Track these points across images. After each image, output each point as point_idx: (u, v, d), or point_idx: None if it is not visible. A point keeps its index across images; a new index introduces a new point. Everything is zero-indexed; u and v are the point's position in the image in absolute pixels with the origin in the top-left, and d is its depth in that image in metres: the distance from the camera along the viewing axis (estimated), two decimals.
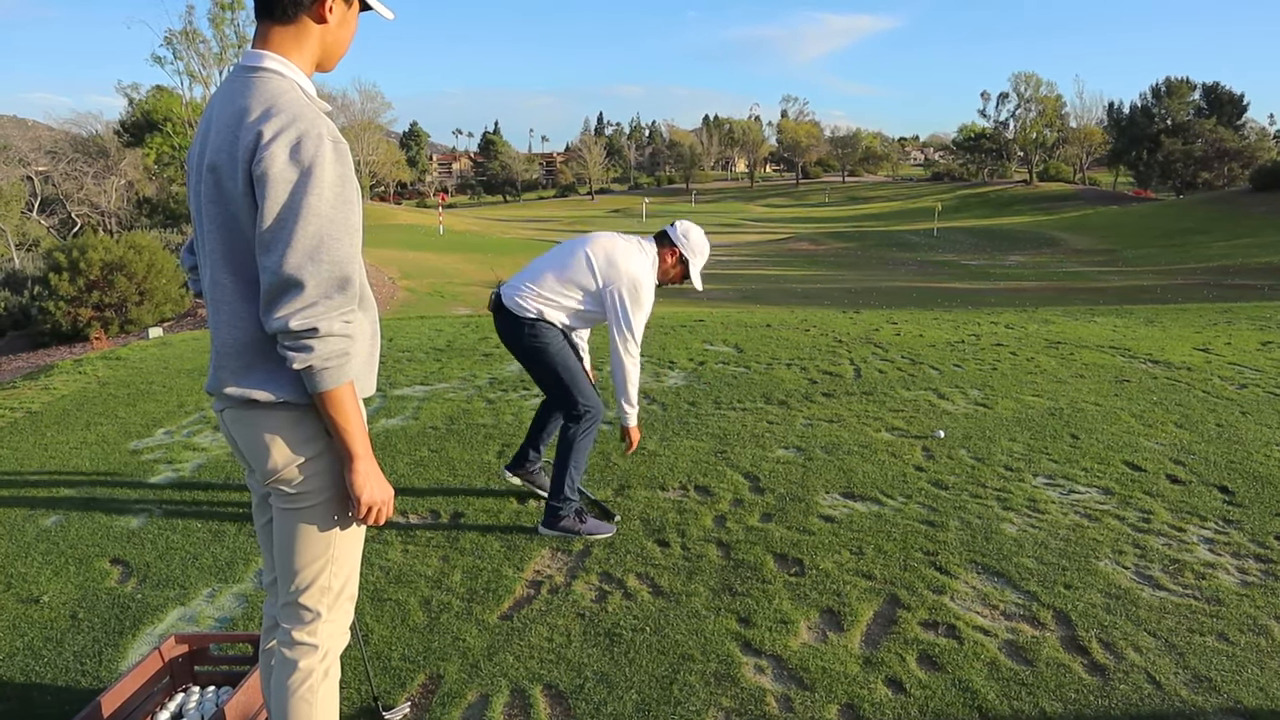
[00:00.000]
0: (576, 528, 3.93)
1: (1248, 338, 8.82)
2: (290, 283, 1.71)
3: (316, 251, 1.72)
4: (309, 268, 1.71)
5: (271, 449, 1.89)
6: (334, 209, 1.75)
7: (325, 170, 1.73)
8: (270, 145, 1.71)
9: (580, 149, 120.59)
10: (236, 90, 1.82)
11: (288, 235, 1.71)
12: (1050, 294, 24.33)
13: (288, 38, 1.86)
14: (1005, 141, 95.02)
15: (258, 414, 1.89)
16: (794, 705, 2.73)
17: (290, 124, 1.73)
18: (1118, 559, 3.68)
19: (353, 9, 1.92)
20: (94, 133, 48.31)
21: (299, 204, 1.71)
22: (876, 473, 4.73)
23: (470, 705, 2.76)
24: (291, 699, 2.00)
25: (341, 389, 1.80)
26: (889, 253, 44.57)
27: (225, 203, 1.79)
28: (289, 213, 1.71)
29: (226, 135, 1.78)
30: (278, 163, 1.71)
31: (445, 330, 9.91)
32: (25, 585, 3.62)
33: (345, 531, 2.00)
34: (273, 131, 1.72)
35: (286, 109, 1.75)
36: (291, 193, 1.71)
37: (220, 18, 41.44)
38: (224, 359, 1.87)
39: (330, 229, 1.74)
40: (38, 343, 16.50)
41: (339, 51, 1.94)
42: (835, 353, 8.00)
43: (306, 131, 1.73)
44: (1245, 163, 66.25)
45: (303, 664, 2.00)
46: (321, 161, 1.73)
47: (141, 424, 6.02)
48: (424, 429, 5.66)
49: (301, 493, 1.93)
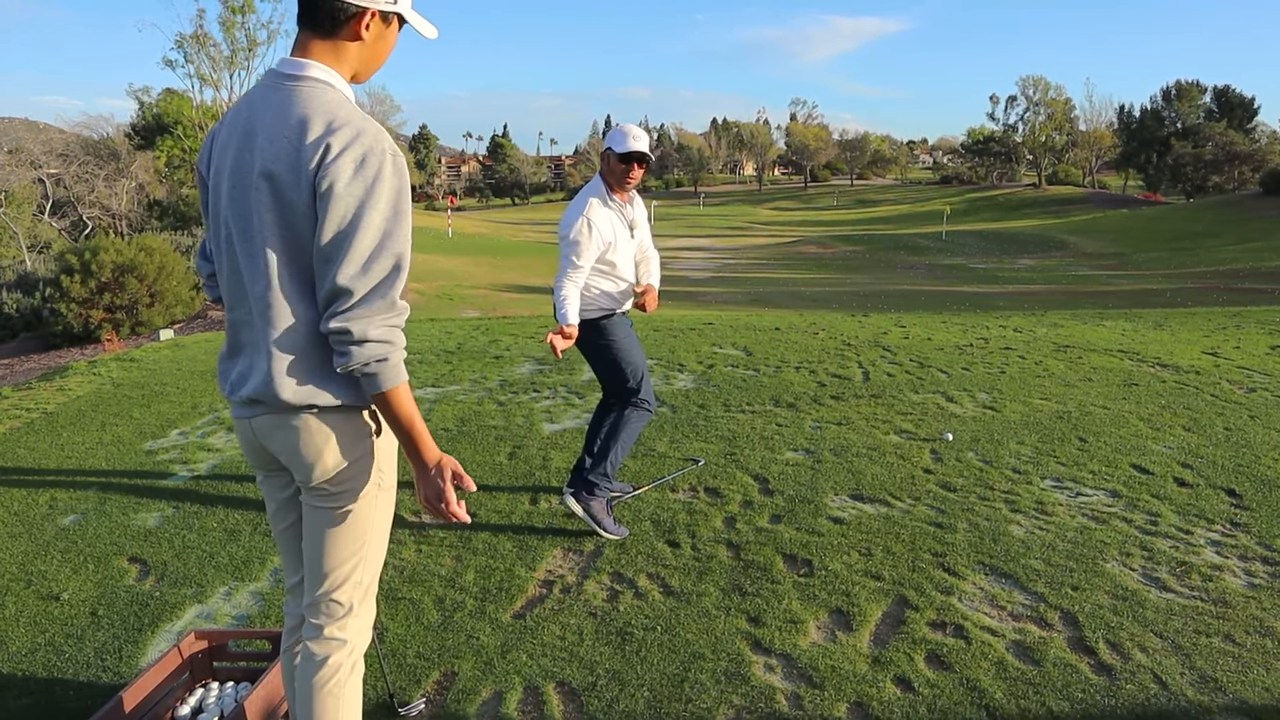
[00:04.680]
0: (602, 519, 3.96)
1: (1257, 341, 8.82)
2: (341, 291, 1.78)
3: (369, 263, 1.78)
4: (360, 278, 1.77)
5: (324, 451, 1.93)
6: (389, 222, 1.80)
7: (385, 185, 1.79)
8: (338, 159, 1.76)
9: (589, 152, 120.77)
10: (286, 99, 1.84)
11: (347, 247, 1.77)
12: (1059, 297, 24.29)
13: (328, 49, 1.89)
14: (1014, 145, 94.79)
15: (308, 417, 1.91)
16: (803, 703, 2.77)
17: (356, 138, 1.78)
18: (1125, 561, 3.71)
19: (391, 26, 1.94)
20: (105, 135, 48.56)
21: (360, 218, 1.77)
22: (885, 475, 4.76)
23: (485, 702, 2.80)
24: (319, 694, 2.03)
25: (396, 390, 1.84)
26: (897, 256, 44.52)
27: (286, 212, 1.82)
28: (350, 226, 1.77)
29: (285, 146, 1.80)
30: (343, 177, 1.76)
31: (455, 333, 9.96)
32: (45, 583, 3.67)
33: (378, 528, 2.06)
34: (340, 145, 1.77)
35: (350, 122, 1.79)
36: (355, 206, 1.77)
37: (231, 21, 41.59)
38: (278, 365, 1.88)
39: (384, 241, 1.79)
40: (49, 344, 16.60)
41: (375, 65, 1.97)
42: (844, 356, 8.02)
43: (371, 147, 1.78)
44: (1256, 166, 65.89)
45: (332, 659, 2.04)
46: (383, 176, 1.79)
47: (156, 425, 6.08)
48: (436, 431, 5.71)
49: (342, 491, 1.97)
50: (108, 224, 40.19)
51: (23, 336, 17.70)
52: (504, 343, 9.04)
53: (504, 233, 56.34)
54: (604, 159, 3.94)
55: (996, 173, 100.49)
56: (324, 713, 2.04)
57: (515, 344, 8.95)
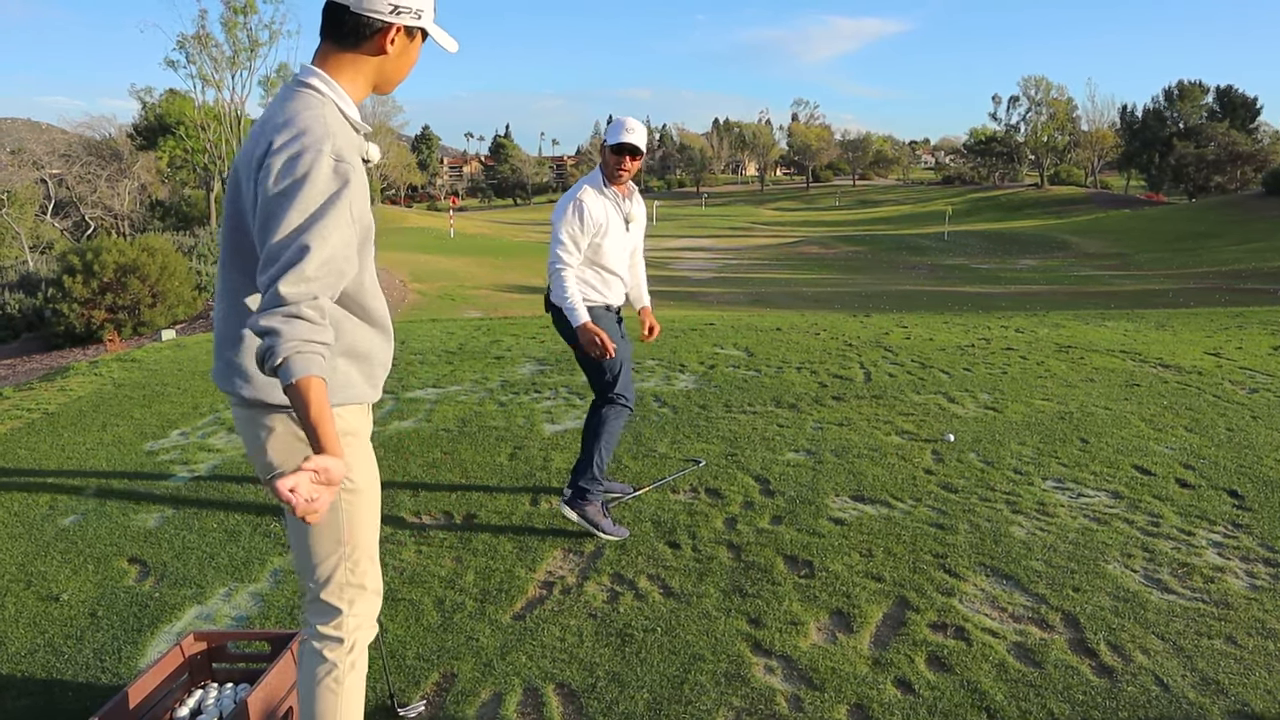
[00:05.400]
0: (599, 522, 3.96)
1: (1259, 342, 8.81)
2: (261, 285, 1.70)
3: (286, 263, 1.68)
4: (274, 274, 1.68)
5: (268, 449, 1.95)
6: (312, 220, 1.71)
7: (315, 186, 1.73)
8: (271, 155, 1.76)
9: (590, 152, 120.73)
10: (274, 103, 1.90)
11: (264, 242, 1.72)
12: (1061, 298, 24.27)
13: (344, 62, 1.90)
14: (1016, 145, 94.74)
15: (257, 413, 1.95)
16: (804, 705, 2.76)
17: (296, 137, 1.77)
18: (1126, 562, 3.70)
19: (415, 41, 1.96)
20: (107, 136, 48.66)
21: (280, 214, 1.71)
22: (886, 476, 4.75)
23: (484, 703, 2.80)
24: (318, 689, 2.07)
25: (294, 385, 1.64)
26: (899, 256, 44.50)
27: (238, 205, 1.88)
28: (271, 221, 1.72)
29: (250, 142, 1.86)
30: (273, 172, 1.74)
31: (457, 333, 9.96)
32: (45, 583, 3.67)
33: (357, 529, 2.05)
34: (280, 142, 1.77)
35: (301, 123, 1.79)
36: (278, 200, 1.72)
37: (233, 22, 41.59)
38: (224, 359, 1.94)
39: (303, 240, 1.70)
40: (51, 344, 16.61)
41: (398, 78, 1.98)
42: (845, 356, 8.01)
43: (308, 145, 1.75)
44: (1258, 166, 65.77)
45: (329, 656, 2.07)
46: (314, 177, 1.73)
47: (157, 425, 6.08)
48: (436, 431, 5.71)
49: None
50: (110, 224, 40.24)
51: (25, 337, 17.72)
52: (505, 343, 9.04)
53: (506, 233, 56.34)
54: (601, 151, 3.97)
55: (999, 173, 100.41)
56: (324, 708, 2.07)
57: (517, 344, 8.94)
